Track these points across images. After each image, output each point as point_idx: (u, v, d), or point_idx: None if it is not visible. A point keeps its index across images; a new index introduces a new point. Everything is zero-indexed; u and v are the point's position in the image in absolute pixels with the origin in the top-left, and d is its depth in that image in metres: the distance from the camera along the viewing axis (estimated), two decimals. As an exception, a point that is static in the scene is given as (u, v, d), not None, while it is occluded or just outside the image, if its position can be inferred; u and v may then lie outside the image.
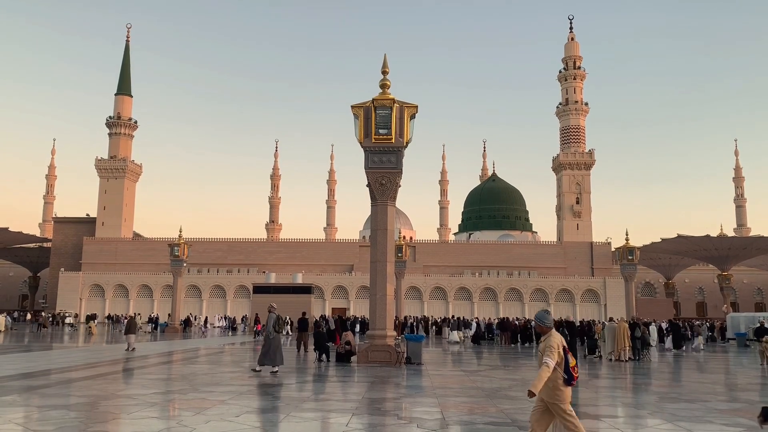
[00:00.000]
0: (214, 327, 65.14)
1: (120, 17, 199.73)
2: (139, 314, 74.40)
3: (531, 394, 6.36)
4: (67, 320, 60.55)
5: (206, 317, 68.08)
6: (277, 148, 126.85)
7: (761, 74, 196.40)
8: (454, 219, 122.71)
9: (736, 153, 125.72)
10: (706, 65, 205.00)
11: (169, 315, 73.82)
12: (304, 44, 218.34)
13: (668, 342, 35.72)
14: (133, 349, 26.94)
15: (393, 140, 21.22)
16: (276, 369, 17.69)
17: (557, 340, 6.58)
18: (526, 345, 37.45)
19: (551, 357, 6.42)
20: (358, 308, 77.05)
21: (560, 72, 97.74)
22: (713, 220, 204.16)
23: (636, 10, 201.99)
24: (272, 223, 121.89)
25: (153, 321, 59.21)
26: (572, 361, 6.57)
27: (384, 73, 22.33)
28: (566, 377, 6.48)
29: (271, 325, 18.10)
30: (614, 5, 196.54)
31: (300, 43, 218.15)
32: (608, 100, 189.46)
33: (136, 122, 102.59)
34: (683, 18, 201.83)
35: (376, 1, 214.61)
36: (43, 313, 68.47)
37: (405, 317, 55.64)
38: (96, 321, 63.86)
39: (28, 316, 73.15)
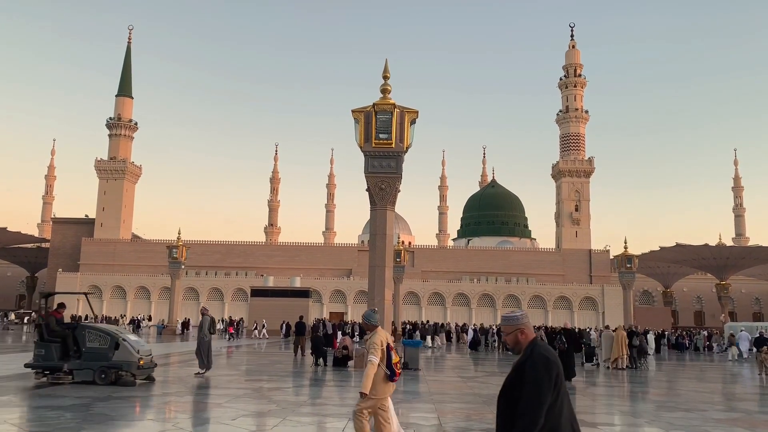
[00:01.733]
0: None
1: (122, 19, 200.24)
2: (123, 315, 74.08)
3: (363, 394, 6.54)
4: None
5: (188, 319, 66.17)
6: (276, 151, 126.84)
7: (761, 83, 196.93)
8: (453, 224, 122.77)
9: (736, 162, 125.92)
10: (706, 73, 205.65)
11: (150, 317, 73.53)
12: (304, 48, 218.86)
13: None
14: None
15: (393, 145, 21.21)
16: (203, 371, 17.63)
17: (381, 337, 6.75)
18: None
19: (375, 354, 6.60)
20: (356, 313, 76.89)
21: (561, 79, 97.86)
22: (712, 229, 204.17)
23: (637, 18, 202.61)
24: (271, 227, 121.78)
25: (135, 323, 58.54)
26: (395, 358, 6.74)
27: (385, 77, 22.33)
28: (388, 373, 6.67)
29: (206, 328, 18.14)
30: (616, 12, 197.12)
31: (301, 46, 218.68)
32: (608, 107, 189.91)
33: (136, 124, 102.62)
34: (684, 27, 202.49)
35: (377, 6, 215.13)
36: (33, 314, 68.25)
37: (403, 323, 55.41)
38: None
39: (12, 316, 71.96)
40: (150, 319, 73.23)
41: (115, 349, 14.38)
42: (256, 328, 50.92)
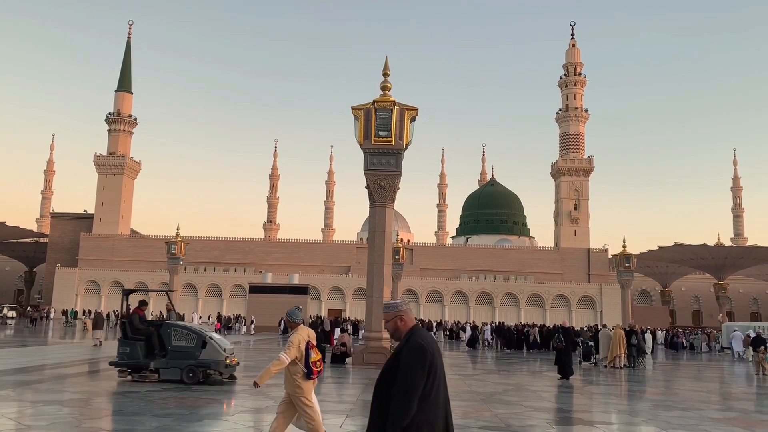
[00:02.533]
0: None
1: (122, 14, 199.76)
2: (116, 311, 73.46)
3: (255, 384, 6.80)
4: (10, 314, 59.03)
5: (182, 315, 64.87)
6: (276, 147, 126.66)
7: (761, 84, 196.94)
8: (452, 222, 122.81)
9: (735, 163, 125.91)
10: (706, 74, 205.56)
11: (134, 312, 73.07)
12: (305, 43, 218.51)
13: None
14: (100, 343, 27.11)
15: (393, 142, 21.21)
16: None
17: (300, 335, 6.86)
18: (526, 350, 37.42)
19: (287, 352, 6.75)
20: (354, 310, 76.94)
21: (561, 78, 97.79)
22: (710, 229, 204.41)
23: (637, 17, 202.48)
24: (270, 223, 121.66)
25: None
26: (314, 356, 6.81)
27: (385, 75, 22.33)
28: (306, 371, 6.78)
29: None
30: (616, 11, 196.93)
31: (301, 42, 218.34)
32: (608, 106, 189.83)
33: (135, 119, 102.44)
34: (684, 26, 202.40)
35: (378, 1, 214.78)
36: (29, 309, 68.01)
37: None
38: (69, 316, 63.36)
39: (4, 311, 70.97)
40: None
41: (202, 348, 14.10)
42: (244, 324, 50.79)
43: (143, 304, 15.32)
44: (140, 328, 14.54)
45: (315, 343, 7.00)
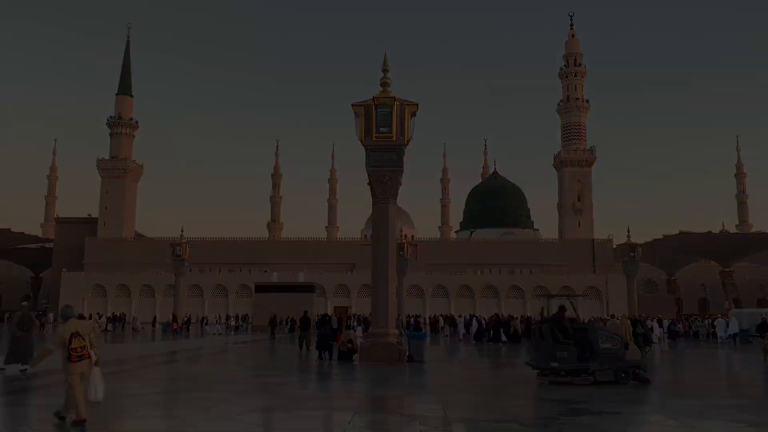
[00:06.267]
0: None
1: (120, 17, 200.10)
2: (99, 313, 72.69)
3: (32, 365, 8.98)
4: None
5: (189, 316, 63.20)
6: (278, 146, 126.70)
7: (763, 70, 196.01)
8: (456, 217, 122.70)
9: (738, 149, 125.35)
10: (707, 61, 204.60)
11: (133, 316, 71.81)
12: (304, 42, 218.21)
13: None
14: None
15: (394, 138, 21.17)
16: (25, 368, 17.24)
17: (67, 327, 8.68)
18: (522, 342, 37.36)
19: (52, 340, 8.89)
20: (360, 307, 76.93)
21: (561, 69, 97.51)
22: (715, 217, 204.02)
23: (638, 6, 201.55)
24: (274, 223, 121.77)
25: (112, 320, 56.77)
26: (74, 344, 8.60)
27: (384, 71, 22.28)
28: (66, 355, 8.61)
29: (15, 323, 17.92)
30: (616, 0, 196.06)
31: (301, 41, 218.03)
32: (609, 96, 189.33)
33: (137, 122, 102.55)
34: (685, 12, 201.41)
35: None
36: (31, 314, 67.36)
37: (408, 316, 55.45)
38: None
39: None
40: (135, 318, 71.40)
41: (625, 350, 14.74)
42: (208, 323, 49.53)
43: (563, 309, 15.62)
44: (571, 333, 14.93)
45: (90, 332, 8.93)
